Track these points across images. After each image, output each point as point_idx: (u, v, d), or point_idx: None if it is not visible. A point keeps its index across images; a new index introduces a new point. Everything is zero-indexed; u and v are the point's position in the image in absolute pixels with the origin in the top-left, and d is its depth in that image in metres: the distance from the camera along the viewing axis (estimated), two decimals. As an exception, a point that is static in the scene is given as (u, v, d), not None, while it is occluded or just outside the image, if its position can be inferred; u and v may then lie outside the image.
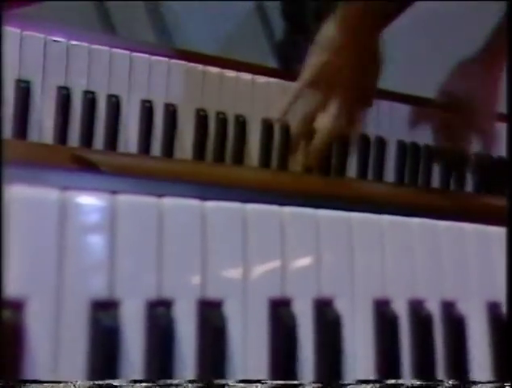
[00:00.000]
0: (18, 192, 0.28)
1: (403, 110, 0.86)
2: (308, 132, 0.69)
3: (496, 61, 0.82)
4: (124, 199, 0.30)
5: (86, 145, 0.69)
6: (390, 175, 0.86)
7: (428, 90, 0.86)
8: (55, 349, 0.28)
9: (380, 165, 0.85)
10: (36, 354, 0.27)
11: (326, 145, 0.70)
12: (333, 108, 0.67)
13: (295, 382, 0.32)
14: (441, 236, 0.38)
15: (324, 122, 0.68)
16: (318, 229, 0.34)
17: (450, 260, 0.39)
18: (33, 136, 0.67)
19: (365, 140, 0.84)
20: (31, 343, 0.27)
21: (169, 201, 0.30)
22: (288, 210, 0.33)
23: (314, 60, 0.69)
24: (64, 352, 0.28)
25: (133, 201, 0.30)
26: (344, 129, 0.70)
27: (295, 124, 0.73)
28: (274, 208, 0.33)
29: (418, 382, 0.35)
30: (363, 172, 0.83)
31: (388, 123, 0.86)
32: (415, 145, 0.88)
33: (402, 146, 0.87)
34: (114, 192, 0.29)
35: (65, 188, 0.29)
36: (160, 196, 0.31)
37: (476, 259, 0.39)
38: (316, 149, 0.69)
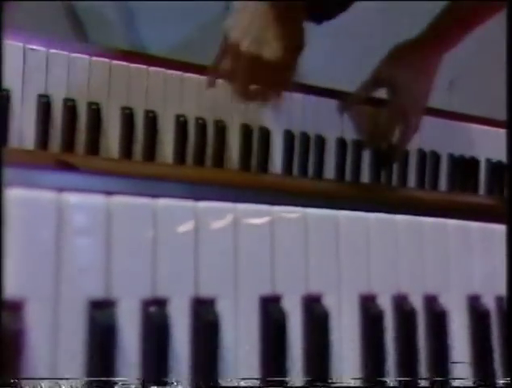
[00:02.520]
0: (14, 195, 0.28)
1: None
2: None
3: (435, 49, 0.80)
4: (119, 200, 0.30)
5: (68, 153, 0.69)
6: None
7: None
8: (54, 348, 0.28)
9: (357, 168, 0.87)
10: (35, 353, 0.28)
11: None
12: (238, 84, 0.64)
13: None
14: (424, 232, 0.40)
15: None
16: (306, 227, 0.35)
17: (432, 256, 0.40)
18: (14, 143, 0.67)
19: (342, 143, 0.86)
20: (31, 343, 0.27)
21: (162, 202, 0.31)
22: (277, 209, 0.34)
23: (230, 22, 0.64)
24: (62, 351, 0.28)
25: (127, 202, 0.31)
26: None
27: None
28: (265, 207, 0.34)
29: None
30: (341, 175, 0.85)
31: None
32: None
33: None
34: (108, 193, 0.30)
35: (59, 190, 0.29)
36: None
37: (457, 254, 0.41)
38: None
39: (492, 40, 0.89)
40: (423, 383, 0.38)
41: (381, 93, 0.85)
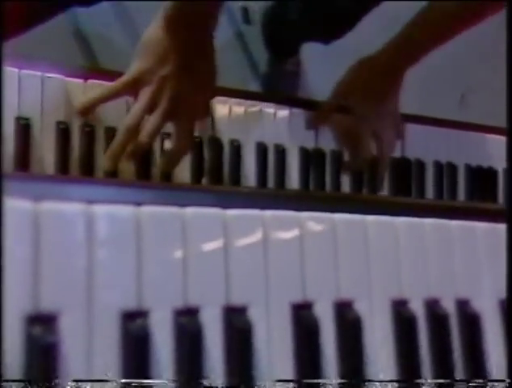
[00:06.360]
0: (44, 208, 0.28)
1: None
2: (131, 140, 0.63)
3: (397, 65, 0.78)
4: (148, 210, 0.30)
5: (87, 176, 0.70)
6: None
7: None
8: (88, 360, 0.28)
9: (374, 180, 0.86)
10: (70, 365, 0.27)
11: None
12: (153, 121, 0.61)
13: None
14: (453, 236, 0.39)
15: (142, 137, 0.61)
16: (335, 233, 0.35)
17: (462, 259, 0.40)
18: (35, 169, 0.68)
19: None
20: (65, 355, 0.27)
21: (191, 211, 0.31)
22: (305, 215, 0.34)
23: (135, 66, 0.61)
24: (97, 362, 0.28)
25: (156, 212, 0.31)
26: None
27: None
28: (294, 214, 0.34)
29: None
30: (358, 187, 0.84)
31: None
32: (406, 160, 0.89)
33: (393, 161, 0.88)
34: (138, 204, 0.30)
35: (88, 202, 0.29)
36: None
37: (488, 256, 0.40)
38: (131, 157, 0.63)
39: (499, 52, 0.89)
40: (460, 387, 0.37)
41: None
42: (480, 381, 0.37)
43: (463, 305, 0.39)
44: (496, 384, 0.38)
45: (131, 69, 0.62)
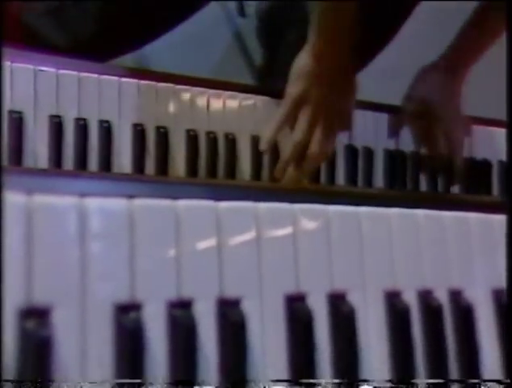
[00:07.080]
0: (37, 201, 0.28)
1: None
2: (299, 157, 0.72)
3: (458, 65, 0.84)
4: (141, 203, 0.30)
5: (80, 170, 0.70)
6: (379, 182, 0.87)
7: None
8: (82, 353, 0.28)
9: (369, 173, 0.87)
10: (63, 359, 0.27)
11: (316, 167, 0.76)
12: (319, 135, 0.70)
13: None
14: (446, 226, 0.39)
15: (314, 149, 0.70)
16: (329, 225, 0.35)
17: (454, 250, 0.40)
18: (28, 163, 0.68)
19: (353, 150, 0.86)
20: (59, 349, 0.27)
21: (184, 203, 0.31)
22: (299, 207, 0.34)
23: (292, 89, 0.71)
24: (90, 356, 0.28)
25: (149, 204, 0.31)
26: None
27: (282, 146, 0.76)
28: (285, 205, 0.34)
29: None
30: (352, 180, 0.85)
31: (373, 132, 0.88)
32: (401, 153, 0.90)
33: (389, 154, 0.89)
34: (130, 197, 0.30)
35: (81, 195, 0.29)
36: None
37: (480, 247, 0.41)
38: (308, 172, 0.73)
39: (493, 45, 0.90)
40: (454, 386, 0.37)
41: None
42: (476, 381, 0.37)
43: (456, 296, 0.39)
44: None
45: (288, 94, 0.71)
